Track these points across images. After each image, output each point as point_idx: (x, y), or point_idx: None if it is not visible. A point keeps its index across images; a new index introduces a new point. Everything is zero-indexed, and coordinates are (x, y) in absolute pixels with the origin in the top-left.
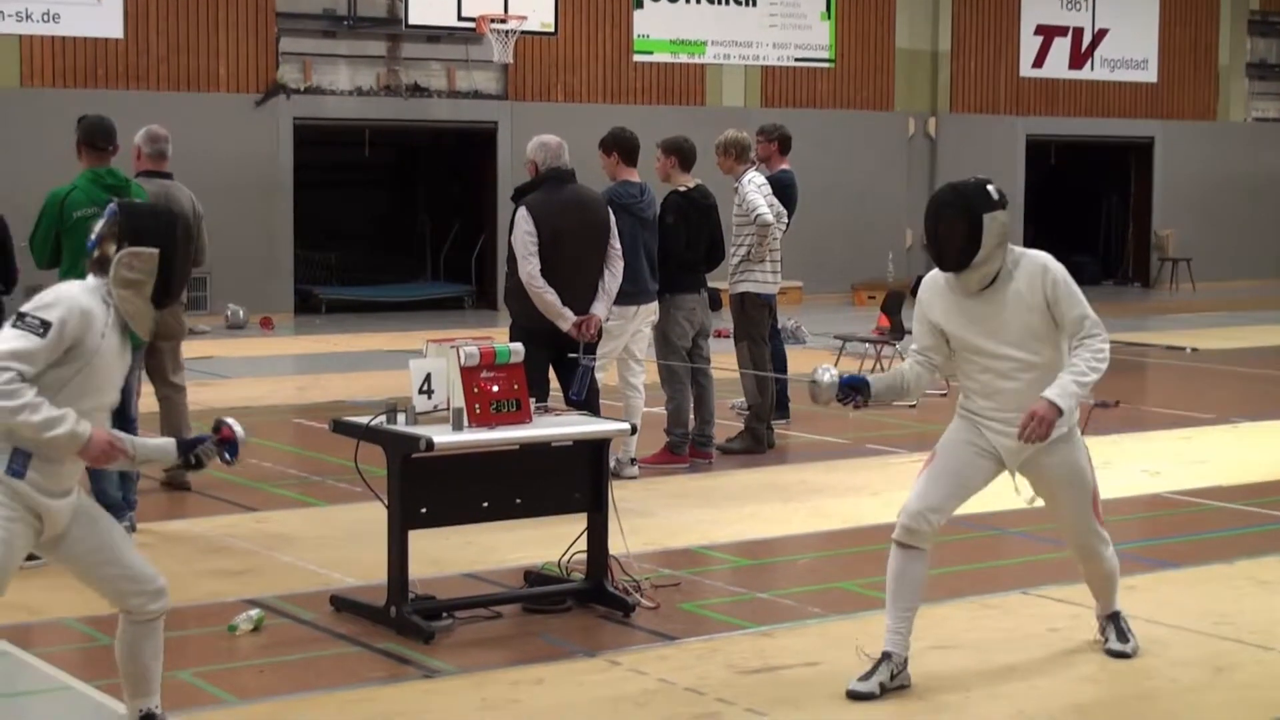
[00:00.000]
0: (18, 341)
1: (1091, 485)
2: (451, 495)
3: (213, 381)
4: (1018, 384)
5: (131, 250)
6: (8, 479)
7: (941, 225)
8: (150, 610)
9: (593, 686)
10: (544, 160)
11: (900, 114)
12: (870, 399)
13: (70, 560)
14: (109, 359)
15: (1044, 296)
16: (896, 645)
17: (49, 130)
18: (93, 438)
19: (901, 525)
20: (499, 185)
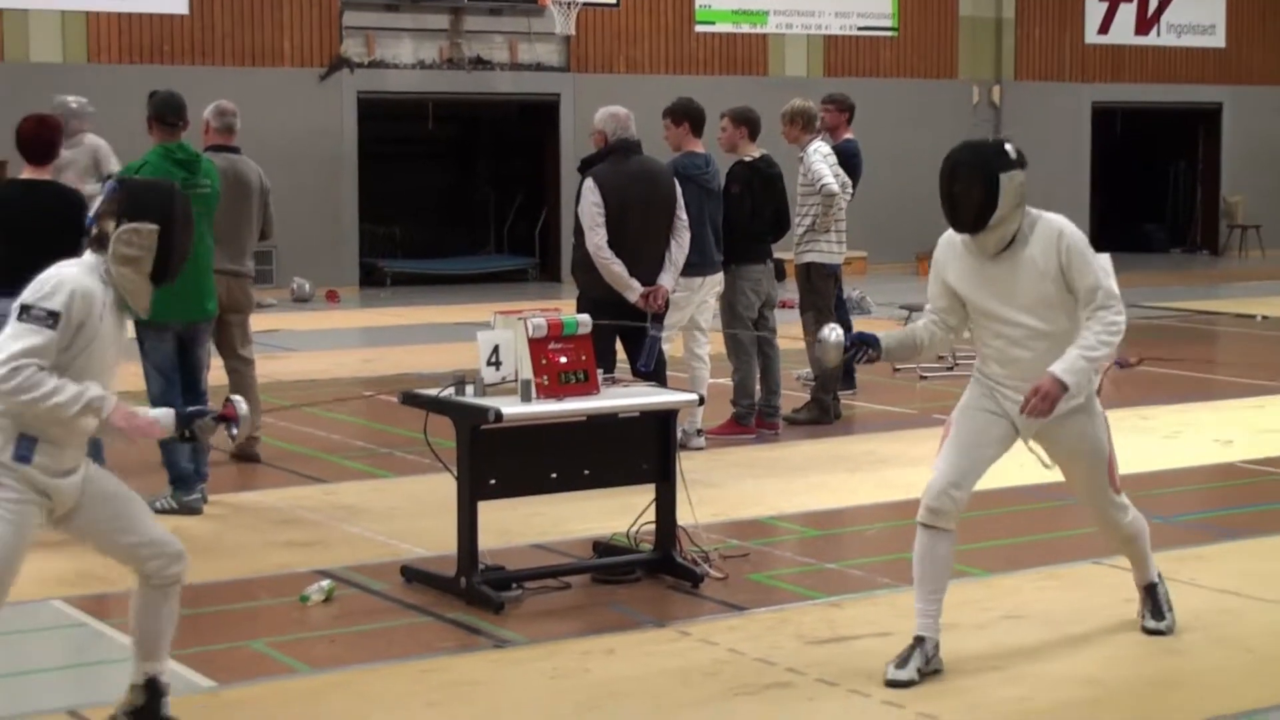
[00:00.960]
0: (30, 338)
1: (1107, 455)
2: (520, 466)
3: (280, 354)
4: (1031, 352)
5: (131, 226)
6: (14, 465)
7: (958, 184)
8: (170, 573)
9: (663, 657)
10: (613, 131)
11: (964, 82)
12: (881, 354)
13: (87, 533)
14: (107, 339)
15: (1058, 263)
16: (928, 629)
17: (116, 106)
18: (118, 408)
19: (926, 507)
20: (562, 157)
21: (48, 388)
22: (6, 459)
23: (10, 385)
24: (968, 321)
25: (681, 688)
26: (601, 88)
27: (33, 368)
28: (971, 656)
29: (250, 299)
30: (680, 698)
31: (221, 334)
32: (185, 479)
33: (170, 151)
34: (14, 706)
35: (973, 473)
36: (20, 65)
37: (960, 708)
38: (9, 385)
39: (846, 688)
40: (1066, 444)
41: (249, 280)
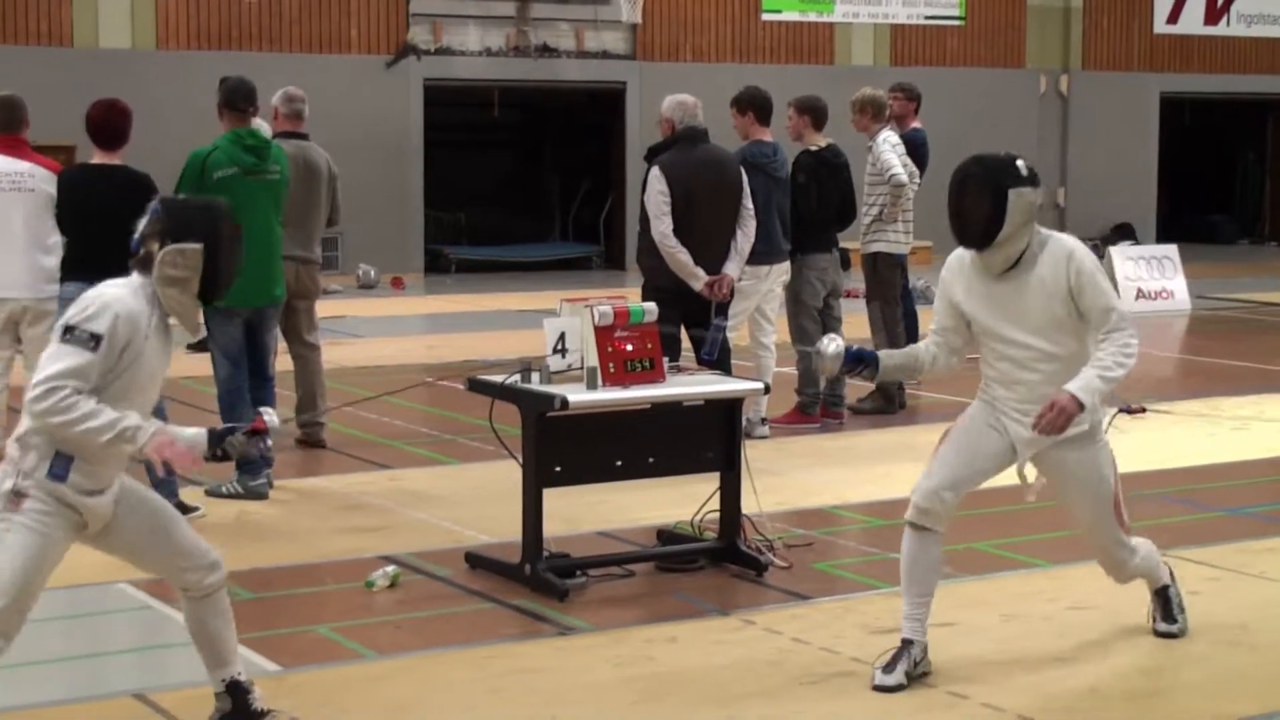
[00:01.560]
0: (71, 359)
1: (1111, 490)
2: (585, 454)
3: (345, 341)
4: (1037, 375)
5: (175, 247)
6: (48, 483)
7: (965, 199)
8: (207, 585)
9: (727, 645)
10: (680, 119)
11: (1032, 72)
12: (877, 374)
13: (122, 548)
14: (152, 360)
15: (1067, 284)
16: (915, 632)
17: (185, 92)
18: (153, 437)
19: (914, 505)
20: (627, 145)
21: (81, 412)
22: (41, 476)
23: (44, 406)
24: (969, 342)
25: (745, 677)
26: (667, 76)
27: (69, 389)
28: (1037, 647)
29: (318, 285)
30: (744, 687)
31: (288, 320)
32: (251, 464)
33: (240, 137)
34: (82, 689)
35: (966, 481)
36: (90, 52)
37: (1025, 699)
38: (43, 405)
39: None
40: (1068, 471)
41: (317, 266)
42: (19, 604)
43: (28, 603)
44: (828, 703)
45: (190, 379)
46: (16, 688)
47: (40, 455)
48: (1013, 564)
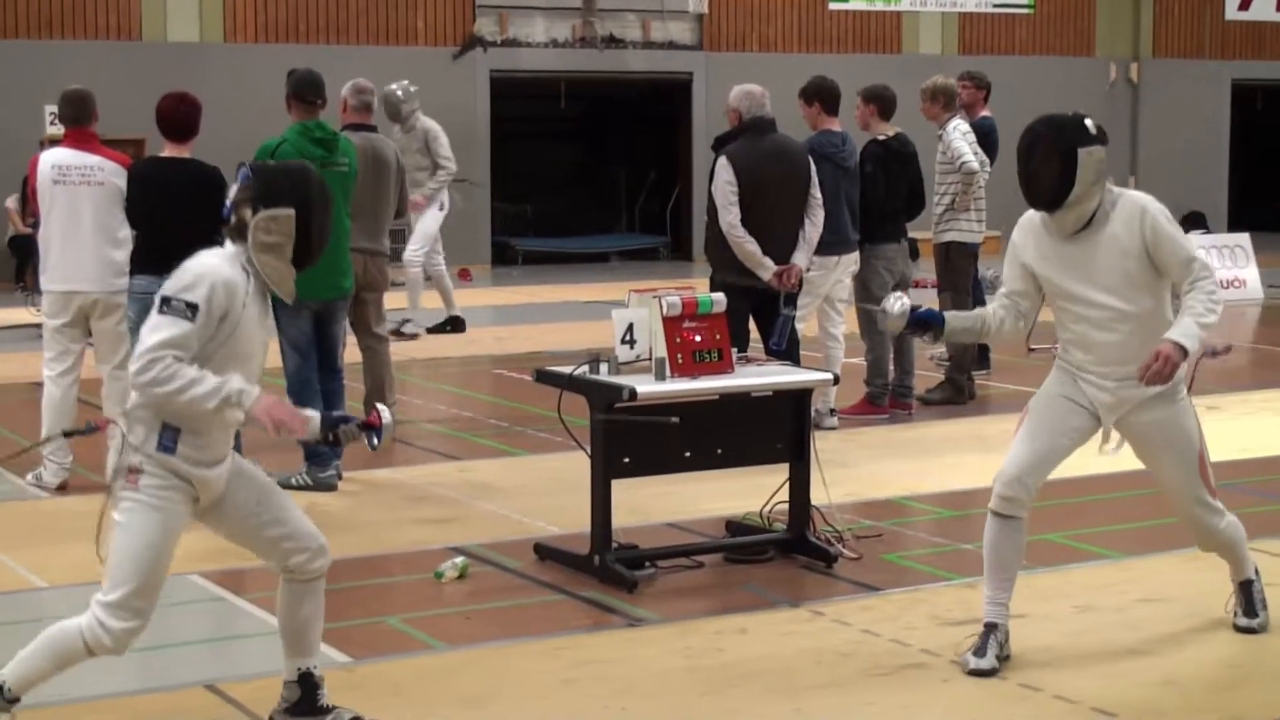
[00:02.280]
0: (169, 329)
1: (1196, 448)
2: (653, 445)
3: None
4: (1114, 335)
5: (268, 213)
6: (158, 455)
7: (1035, 160)
8: (313, 569)
9: (796, 637)
10: (748, 109)
11: (1101, 59)
12: (942, 336)
13: (230, 524)
14: (251, 327)
15: (1143, 240)
16: (999, 616)
17: (253, 84)
18: (259, 400)
19: (998, 495)
20: (694, 136)
21: (184, 380)
22: (150, 449)
23: (147, 377)
24: (1039, 307)
25: (815, 668)
26: (734, 66)
27: (169, 359)
28: (1109, 639)
29: (386, 277)
30: (814, 678)
31: (357, 312)
32: (320, 455)
33: (309, 130)
34: (154, 680)
35: (1047, 461)
36: (158, 45)
37: (1099, 690)
38: (145, 377)
39: None
40: (1152, 433)
41: (385, 258)
42: (149, 584)
43: (157, 582)
44: (898, 694)
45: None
46: (91, 677)
47: (148, 428)
48: (1084, 555)
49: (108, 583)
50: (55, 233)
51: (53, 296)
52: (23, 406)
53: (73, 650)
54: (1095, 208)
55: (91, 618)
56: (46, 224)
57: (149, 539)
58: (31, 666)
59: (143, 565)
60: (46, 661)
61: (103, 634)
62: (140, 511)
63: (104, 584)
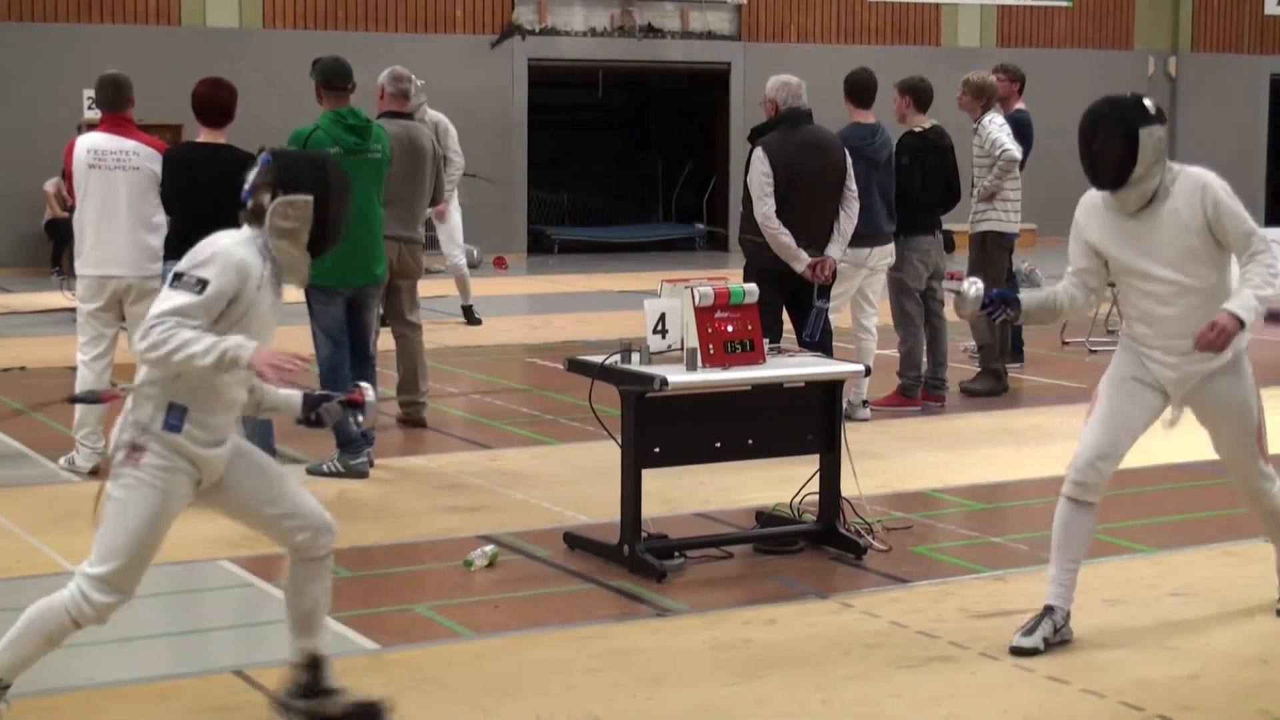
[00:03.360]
0: (176, 299)
1: (1256, 418)
2: (684, 435)
3: (447, 321)
4: (1177, 309)
5: (285, 199)
6: (164, 434)
7: (1098, 140)
8: (318, 546)
9: (825, 628)
10: (784, 100)
11: (1140, 53)
12: (1020, 314)
13: (233, 504)
14: (264, 312)
15: (1204, 216)
16: (1060, 599)
17: (290, 71)
18: (257, 351)
19: (1071, 480)
20: (731, 126)
21: (181, 339)
22: (156, 428)
23: (147, 342)
24: (1107, 283)
25: (843, 659)
26: (772, 57)
27: (171, 323)
28: (1138, 633)
29: (420, 265)
30: (842, 669)
31: (390, 300)
32: (352, 442)
33: (341, 117)
34: (183, 665)
35: (1121, 444)
36: (197, 30)
37: (1126, 684)
38: (146, 342)
39: (1010, 662)
40: (1216, 404)
41: (420, 246)
42: (137, 561)
43: (145, 560)
44: (926, 686)
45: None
46: (122, 661)
47: (155, 406)
48: (1116, 549)
49: (96, 555)
50: (90, 217)
51: (87, 281)
52: (57, 390)
53: (59, 625)
54: (1156, 185)
55: (76, 590)
56: (82, 208)
57: (145, 518)
58: (20, 650)
59: (134, 543)
60: (35, 641)
61: (86, 606)
62: (140, 490)
63: (92, 555)
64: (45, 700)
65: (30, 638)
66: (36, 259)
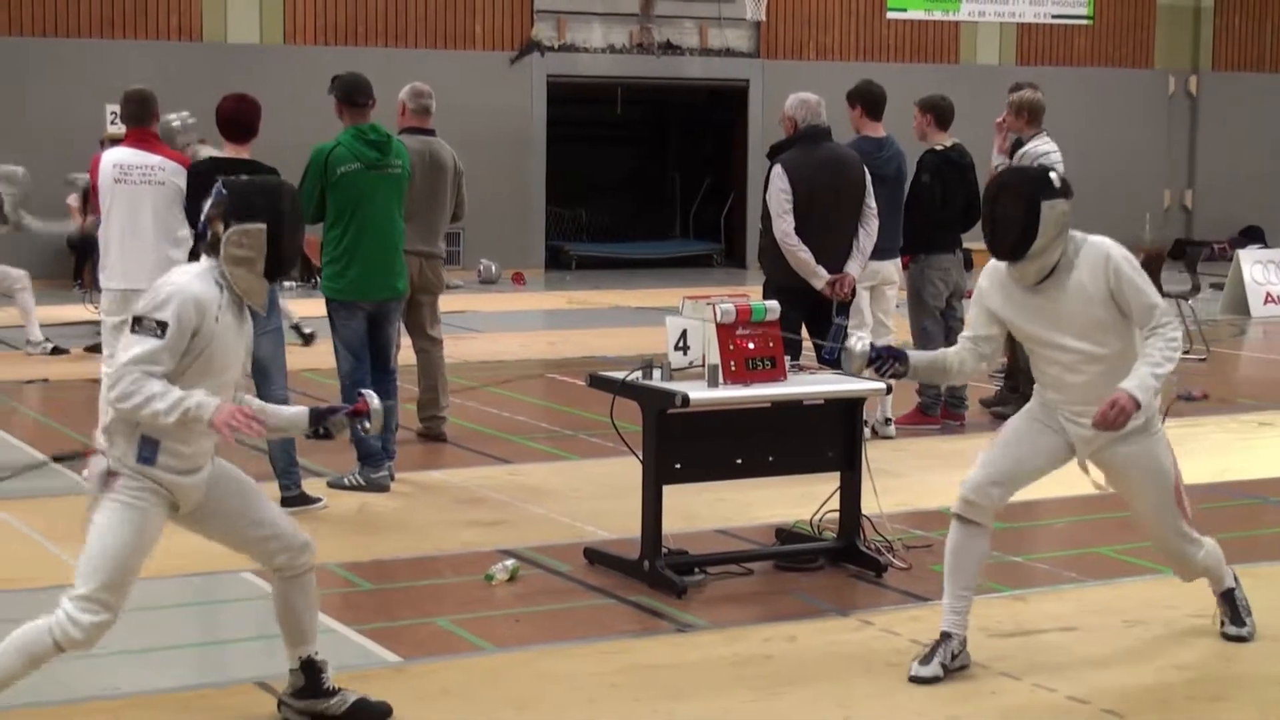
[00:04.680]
0: (138, 346)
1: (1172, 480)
2: (705, 451)
3: (467, 335)
4: (1085, 376)
5: (239, 228)
6: (138, 466)
7: (998, 210)
8: (298, 565)
9: (845, 645)
10: (803, 117)
11: (1160, 72)
12: (906, 371)
13: (213, 528)
14: (227, 339)
15: (1107, 286)
16: (955, 625)
17: (312, 87)
18: (218, 410)
19: (961, 498)
20: (750, 143)
21: (146, 394)
22: (130, 461)
23: (115, 393)
24: (1001, 350)
25: (864, 677)
26: (791, 74)
27: (138, 374)
28: (1159, 654)
29: (441, 280)
30: (862, 687)
31: (411, 314)
32: (373, 456)
33: (362, 133)
34: (205, 676)
35: (1017, 477)
36: (218, 46)
37: (1148, 705)
38: (114, 393)
39: (1030, 682)
40: (1127, 465)
41: (441, 261)
42: (117, 581)
43: (128, 579)
44: (946, 705)
45: (312, 371)
46: (145, 671)
47: (127, 441)
48: (1136, 570)
49: (79, 578)
50: (115, 231)
51: (112, 294)
52: (82, 404)
53: (42, 647)
54: (1058, 259)
55: (61, 614)
56: (107, 223)
57: (123, 537)
58: (3, 668)
59: (114, 562)
60: (17, 661)
61: (72, 628)
62: (116, 510)
63: (76, 579)
64: (69, 709)
65: (12, 658)
66: (59, 272)
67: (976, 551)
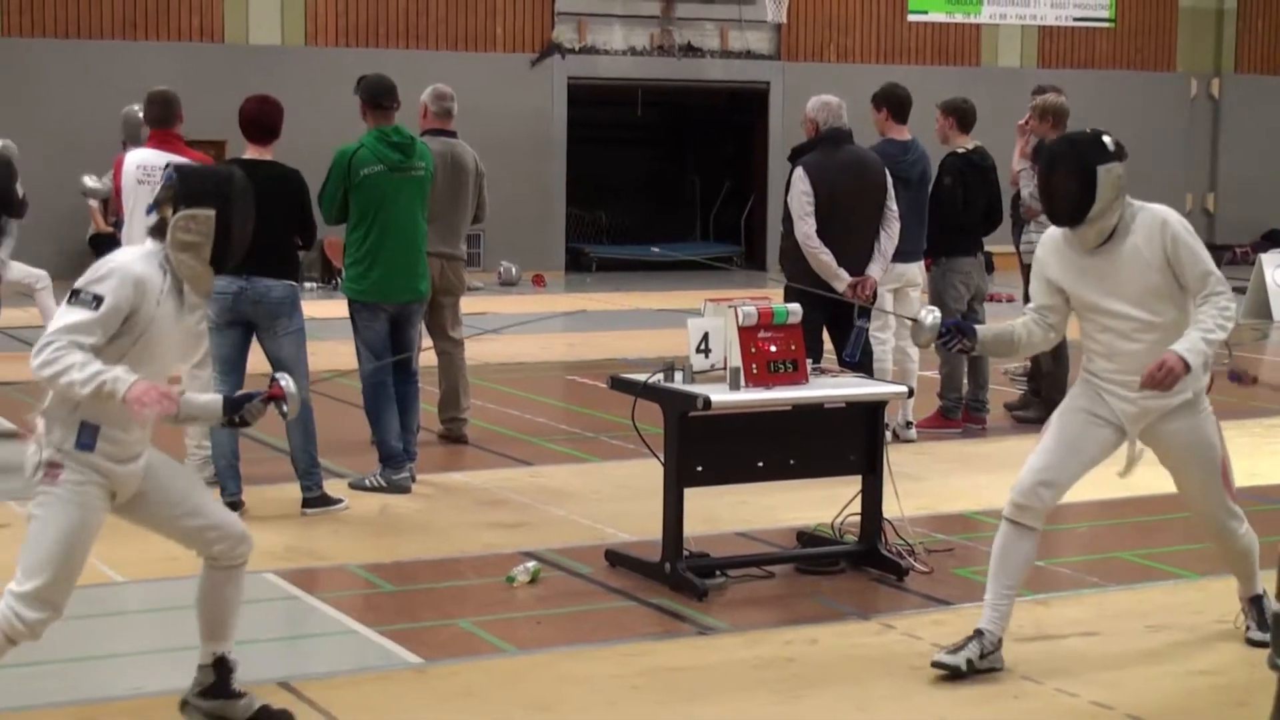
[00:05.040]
0: (70, 316)
1: (1220, 456)
2: (727, 454)
3: (487, 337)
4: (1139, 345)
5: (187, 213)
6: (78, 453)
7: (1055, 177)
8: (236, 554)
9: (866, 649)
10: (825, 120)
11: (1182, 75)
12: (974, 346)
13: (151, 517)
14: (165, 325)
15: (1164, 253)
16: (991, 623)
17: (333, 89)
18: (133, 386)
19: (1012, 501)
20: (770, 145)
21: (66, 364)
22: (69, 447)
23: (38, 361)
24: (1067, 319)
25: (885, 680)
26: (811, 76)
27: (64, 342)
28: (1183, 659)
29: (463, 282)
30: (884, 690)
31: (433, 316)
32: (394, 458)
33: (385, 134)
34: None
35: (1066, 474)
36: (240, 48)
37: (1171, 711)
38: (37, 361)
39: (1052, 686)
40: (1176, 442)
41: (462, 263)
42: (62, 576)
43: (72, 574)
44: (968, 709)
45: (332, 371)
46: (170, 672)
47: (65, 427)
48: (1159, 574)
49: (21, 573)
50: (138, 232)
51: None
52: None
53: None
54: (1116, 222)
55: (6, 609)
56: (130, 224)
57: (65, 533)
58: None
59: (58, 559)
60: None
61: (18, 623)
62: (57, 506)
63: (17, 572)
64: (95, 709)
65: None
66: (80, 273)
67: (1023, 553)
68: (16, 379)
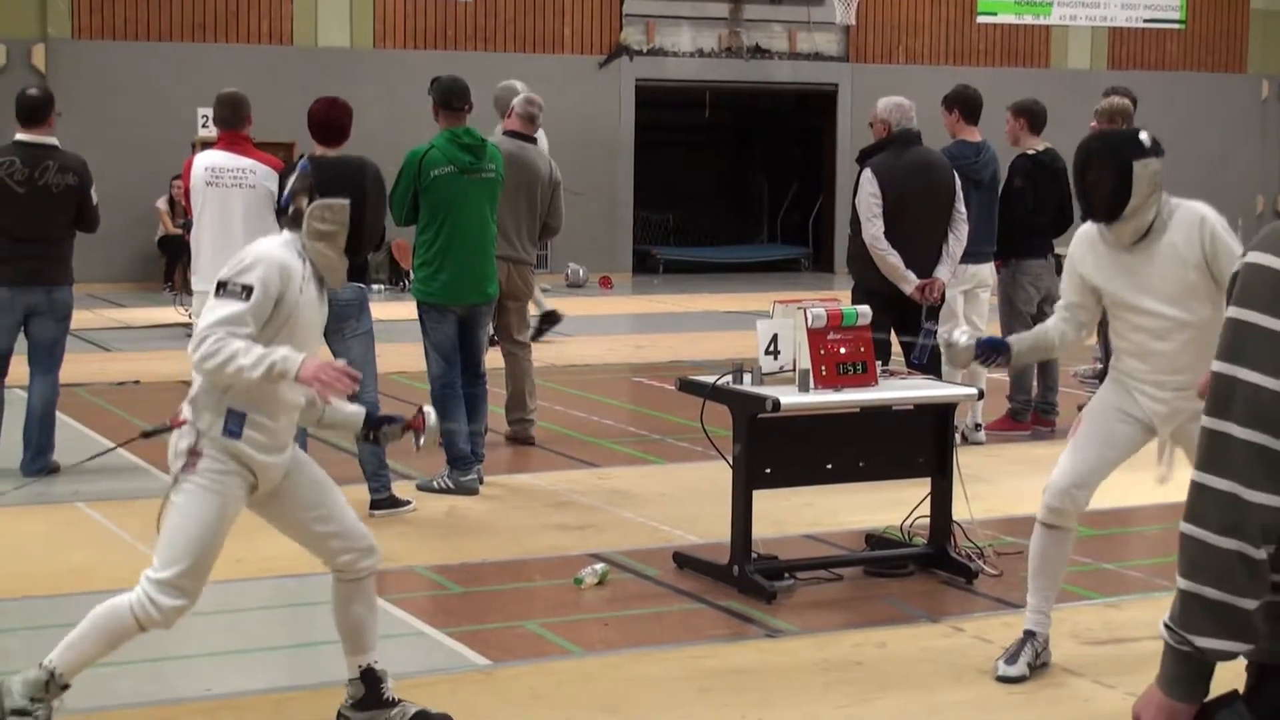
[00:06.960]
0: (223, 309)
1: None
2: (795, 456)
3: (554, 339)
4: (1172, 345)
5: (323, 202)
6: (224, 440)
7: (1090, 173)
8: (360, 568)
9: (936, 652)
10: (897, 121)
11: (1254, 76)
12: (1010, 361)
13: (283, 516)
14: (309, 312)
15: (1202, 250)
16: (1039, 624)
17: (402, 90)
18: (305, 363)
19: (1045, 505)
20: (838, 147)
21: (230, 351)
22: (215, 434)
23: (199, 354)
24: (1098, 318)
25: (955, 684)
26: (880, 78)
27: (222, 333)
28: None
29: (530, 286)
30: (953, 694)
31: (499, 319)
32: (462, 460)
33: (456, 136)
34: (297, 678)
35: (1097, 473)
36: (309, 50)
37: None
38: (198, 354)
39: (1124, 690)
40: None
41: (529, 268)
42: (199, 566)
43: (209, 563)
44: (1037, 712)
45: (401, 374)
46: (238, 673)
47: (213, 414)
48: None
49: (159, 560)
50: (207, 234)
51: (203, 297)
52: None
53: (124, 627)
54: (1152, 219)
55: (141, 593)
56: (198, 225)
57: (204, 521)
58: (83, 649)
59: (195, 546)
60: (99, 641)
61: (152, 609)
62: (197, 494)
63: (155, 560)
64: (163, 711)
65: (93, 640)
66: (149, 275)
67: (1061, 554)
68: (89, 380)
